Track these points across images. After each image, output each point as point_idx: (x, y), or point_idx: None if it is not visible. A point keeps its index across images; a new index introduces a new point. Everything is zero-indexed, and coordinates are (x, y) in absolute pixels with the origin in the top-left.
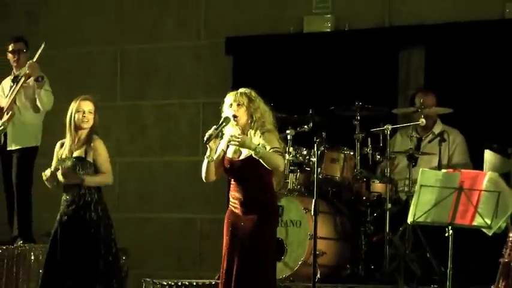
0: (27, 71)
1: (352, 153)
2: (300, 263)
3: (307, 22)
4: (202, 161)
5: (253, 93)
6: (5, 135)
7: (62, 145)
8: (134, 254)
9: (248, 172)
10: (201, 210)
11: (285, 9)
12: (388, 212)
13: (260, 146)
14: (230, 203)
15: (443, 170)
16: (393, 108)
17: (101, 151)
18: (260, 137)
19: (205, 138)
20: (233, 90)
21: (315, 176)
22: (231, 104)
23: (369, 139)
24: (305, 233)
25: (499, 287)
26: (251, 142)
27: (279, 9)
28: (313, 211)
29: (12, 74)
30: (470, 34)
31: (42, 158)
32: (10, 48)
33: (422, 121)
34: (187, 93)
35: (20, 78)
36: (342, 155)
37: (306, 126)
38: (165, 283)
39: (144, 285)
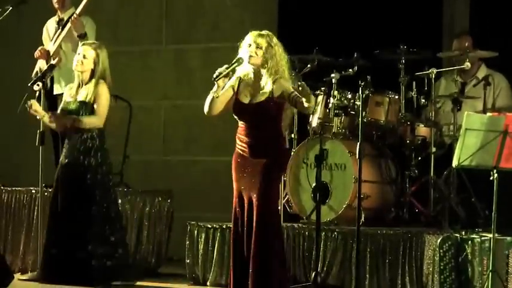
0: (71, 22)
1: (396, 96)
2: (344, 206)
3: None
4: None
5: (274, 39)
6: (52, 79)
7: (70, 88)
8: (179, 197)
9: (262, 116)
10: None
11: None
12: (432, 156)
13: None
14: (237, 145)
15: (489, 114)
16: (438, 52)
17: (101, 95)
18: (272, 84)
19: (214, 75)
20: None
21: (360, 119)
22: (250, 44)
23: (414, 83)
24: (350, 176)
25: None
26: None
27: None
28: (358, 154)
29: (57, 16)
30: None
31: None
32: None
33: (467, 65)
34: (233, 37)
35: (66, 23)
36: (387, 99)
37: (350, 70)
38: (210, 226)
39: (188, 228)
